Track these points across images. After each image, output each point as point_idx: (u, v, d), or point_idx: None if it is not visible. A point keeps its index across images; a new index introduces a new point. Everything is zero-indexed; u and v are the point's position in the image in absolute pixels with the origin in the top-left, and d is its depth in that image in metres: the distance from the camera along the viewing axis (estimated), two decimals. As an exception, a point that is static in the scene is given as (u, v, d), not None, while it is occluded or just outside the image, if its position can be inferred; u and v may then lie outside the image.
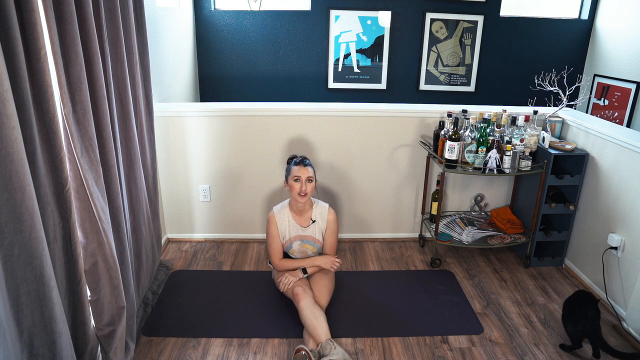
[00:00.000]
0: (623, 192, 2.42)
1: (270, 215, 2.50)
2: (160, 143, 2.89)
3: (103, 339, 1.83)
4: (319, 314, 2.16)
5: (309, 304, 2.20)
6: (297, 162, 2.41)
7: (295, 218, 2.49)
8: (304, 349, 2.00)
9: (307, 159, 2.46)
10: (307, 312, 2.17)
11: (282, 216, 2.49)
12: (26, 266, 1.32)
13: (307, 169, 2.38)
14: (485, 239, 2.89)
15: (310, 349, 2.04)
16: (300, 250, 2.53)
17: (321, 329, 2.10)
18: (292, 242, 2.51)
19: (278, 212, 2.50)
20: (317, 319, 2.14)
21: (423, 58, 4.19)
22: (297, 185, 2.37)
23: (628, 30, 3.81)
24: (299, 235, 2.50)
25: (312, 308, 2.18)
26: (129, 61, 2.11)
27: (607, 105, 4.02)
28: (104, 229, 1.74)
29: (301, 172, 2.37)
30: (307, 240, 2.51)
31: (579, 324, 2.10)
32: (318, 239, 2.52)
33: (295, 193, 2.39)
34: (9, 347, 1.27)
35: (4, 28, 1.23)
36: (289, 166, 2.45)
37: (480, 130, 2.63)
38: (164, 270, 2.74)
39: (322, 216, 2.52)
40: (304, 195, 2.37)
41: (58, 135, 1.47)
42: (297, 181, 2.37)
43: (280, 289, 2.38)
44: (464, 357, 2.14)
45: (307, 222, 2.50)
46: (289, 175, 2.40)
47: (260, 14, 4.01)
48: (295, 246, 2.51)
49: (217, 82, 4.15)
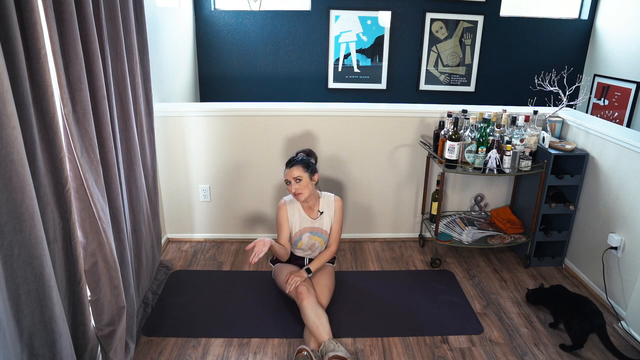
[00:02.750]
0: (623, 192, 2.42)
1: (282, 204, 2.49)
2: (160, 143, 2.89)
3: (103, 339, 1.83)
4: (322, 314, 2.16)
5: (312, 303, 2.20)
6: (286, 164, 2.42)
7: (305, 210, 2.50)
8: (305, 349, 2.00)
9: (298, 155, 2.46)
10: (310, 311, 2.17)
11: (293, 207, 2.49)
12: (26, 266, 1.32)
13: (293, 170, 2.36)
14: (485, 239, 2.89)
15: (311, 349, 2.04)
16: (309, 243, 2.50)
17: (324, 328, 2.10)
18: (302, 234, 2.49)
19: (290, 202, 2.50)
20: (320, 319, 2.13)
21: (423, 58, 4.19)
22: (289, 188, 2.39)
23: (628, 30, 3.81)
24: (310, 227, 2.49)
25: (315, 307, 2.18)
26: (129, 61, 2.11)
27: (607, 105, 4.02)
28: (104, 229, 1.74)
29: (289, 175, 2.37)
30: (317, 232, 2.50)
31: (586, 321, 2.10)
32: (326, 230, 2.52)
33: (291, 194, 2.41)
34: (9, 347, 1.27)
35: (4, 28, 1.23)
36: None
37: (480, 130, 2.63)
38: (164, 270, 2.74)
39: (330, 205, 2.53)
40: (299, 194, 2.38)
41: (58, 135, 1.47)
42: (289, 184, 2.38)
43: (286, 290, 2.36)
44: (464, 357, 2.14)
45: (316, 214, 2.51)
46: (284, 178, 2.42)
47: (260, 14, 4.01)
48: (304, 238, 2.49)
49: (217, 82, 4.15)
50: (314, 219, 2.50)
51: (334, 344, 2.01)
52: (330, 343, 2.03)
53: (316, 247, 2.53)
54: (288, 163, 2.41)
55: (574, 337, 2.15)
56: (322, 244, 2.53)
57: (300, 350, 2.01)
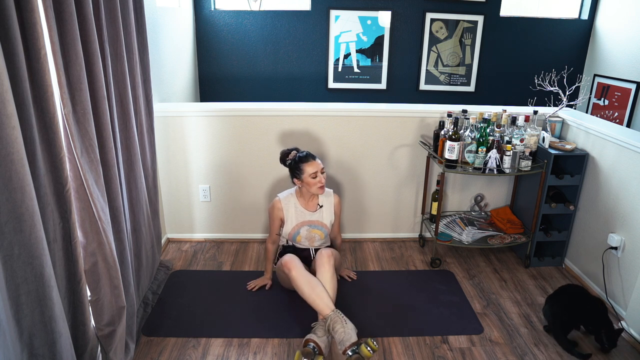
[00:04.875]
0: (623, 192, 2.42)
1: (276, 201, 2.49)
2: (160, 143, 2.89)
3: (103, 339, 1.83)
4: (316, 283, 2.06)
5: (303, 273, 2.11)
6: (303, 157, 2.39)
7: (302, 204, 2.49)
8: (312, 340, 1.97)
9: (303, 152, 2.46)
10: (302, 283, 2.06)
11: (288, 202, 2.49)
12: (26, 266, 1.32)
13: (318, 162, 2.39)
14: (485, 239, 2.89)
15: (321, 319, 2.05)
16: (308, 237, 2.49)
17: (321, 300, 2.00)
18: (299, 228, 2.48)
19: (284, 199, 2.50)
20: (315, 289, 2.04)
21: (423, 58, 4.19)
22: (316, 181, 2.36)
23: (628, 30, 3.81)
24: (307, 220, 2.48)
25: (307, 277, 2.09)
26: (129, 61, 2.11)
27: (607, 105, 4.02)
28: (104, 229, 1.74)
29: (316, 167, 2.36)
30: (315, 225, 2.50)
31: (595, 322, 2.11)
32: (325, 223, 2.52)
33: (316, 188, 2.38)
34: (9, 347, 1.27)
35: (4, 28, 1.23)
36: (297, 164, 2.40)
37: (480, 130, 2.63)
38: (164, 270, 2.74)
39: (329, 200, 2.55)
40: (323, 186, 2.40)
41: (58, 135, 1.47)
42: (315, 177, 2.36)
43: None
44: (464, 357, 2.13)
45: (315, 207, 2.50)
46: (303, 174, 2.37)
47: (260, 14, 4.01)
48: (302, 232, 2.48)
49: (217, 82, 4.15)
50: (312, 212, 2.49)
51: (342, 321, 1.92)
52: (336, 317, 1.93)
53: (316, 239, 2.51)
54: (307, 157, 2.39)
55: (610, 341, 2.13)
56: (321, 236, 2.52)
57: (307, 341, 1.98)
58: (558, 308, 2.22)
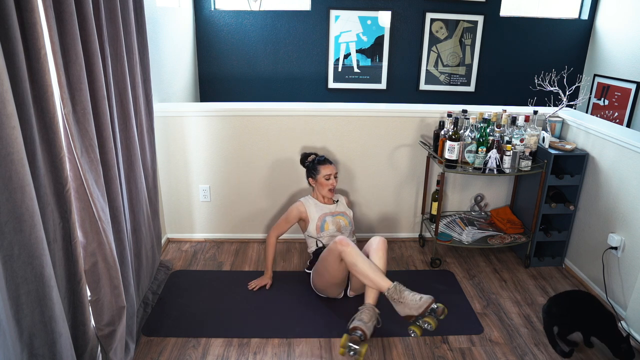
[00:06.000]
0: (623, 192, 2.42)
1: (299, 203, 2.67)
2: (160, 143, 2.89)
3: (103, 339, 1.83)
4: (370, 261, 2.18)
5: (359, 251, 2.20)
6: (321, 160, 2.63)
7: (320, 201, 2.70)
8: (360, 328, 2.01)
9: (321, 156, 2.70)
10: (359, 257, 2.16)
11: (308, 202, 2.67)
12: (26, 266, 1.32)
13: (333, 166, 2.64)
14: (485, 239, 2.89)
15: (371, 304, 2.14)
16: (335, 222, 2.61)
17: (379, 275, 2.12)
18: (324, 218, 2.61)
19: (305, 200, 2.69)
20: (371, 265, 2.16)
21: (423, 58, 4.19)
22: (329, 182, 2.60)
23: (628, 30, 3.81)
24: (329, 212, 2.66)
25: (363, 255, 2.19)
26: (129, 61, 2.11)
27: (607, 105, 4.02)
28: (104, 229, 1.74)
29: (331, 170, 2.60)
30: (337, 214, 2.67)
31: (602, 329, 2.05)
32: (345, 211, 2.71)
33: (326, 189, 2.61)
34: (9, 347, 1.27)
35: (4, 28, 1.23)
36: (314, 165, 2.63)
37: (480, 130, 2.63)
38: (164, 270, 2.74)
39: (341, 199, 2.79)
40: (333, 188, 2.63)
41: (58, 135, 1.47)
42: (328, 179, 2.59)
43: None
44: (464, 357, 2.14)
45: (331, 202, 2.72)
46: (318, 174, 2.60)
47: (260, 14, 4.01)
48: (328, 219, 2.61)
49: (217, 82, 4.15)
50: (330, 205, 2.69)
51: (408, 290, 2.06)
52: (401, 286, 2.07)
53: (342, 225, 2.63)
54: (325, 161, 2.63)
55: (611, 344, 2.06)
56: (346, 223, 2.65)
57: (355, 328, 2.02)
58: (557, 309, 2.20)
